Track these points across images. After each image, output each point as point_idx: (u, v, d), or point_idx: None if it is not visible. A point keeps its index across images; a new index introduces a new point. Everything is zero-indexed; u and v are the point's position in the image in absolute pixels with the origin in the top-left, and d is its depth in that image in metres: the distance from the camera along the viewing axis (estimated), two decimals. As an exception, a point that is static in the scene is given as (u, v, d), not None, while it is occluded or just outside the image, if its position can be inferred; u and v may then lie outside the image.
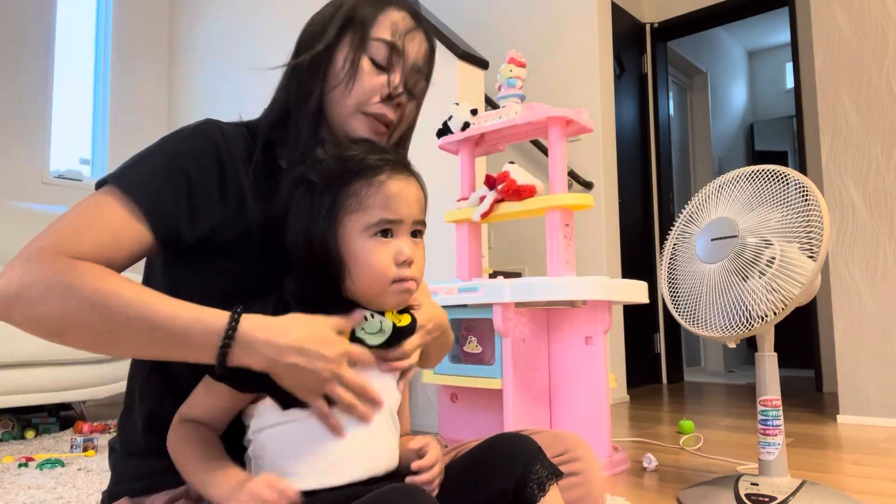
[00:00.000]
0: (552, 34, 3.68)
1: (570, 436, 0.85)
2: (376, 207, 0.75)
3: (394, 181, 0.76)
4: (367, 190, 0.75)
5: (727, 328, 1.55)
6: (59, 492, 1.71)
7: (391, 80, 0.87)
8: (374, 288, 0.75)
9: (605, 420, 1.93)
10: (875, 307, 2.67)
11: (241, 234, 0.80)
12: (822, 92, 2.87)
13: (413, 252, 0.76)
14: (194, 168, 0.78)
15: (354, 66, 0.86)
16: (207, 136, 0.81)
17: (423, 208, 0.80)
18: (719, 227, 1.59)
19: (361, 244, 0.75)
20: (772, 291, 1.48)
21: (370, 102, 0.86)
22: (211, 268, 0.80)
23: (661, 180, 4.42)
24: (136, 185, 0.74)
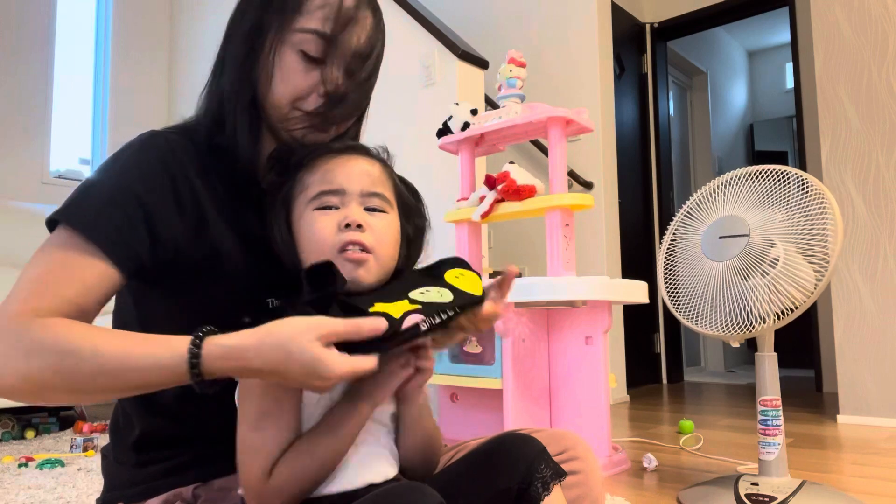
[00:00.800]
0: (552, 34, 3.68)
1: (569, 435, 0.85)
2: (314, 183, 0.75)
3: (334, 157, 0.76)
4: (307, 172, 0.76)
5: (730, 327, 1.55)
6: (59, 492, 1.71)
7: (327, 76, 0.80)
8: (320, 257, 0.71)
9: (605, 420, 1.93)
10: (875, 307, 2.67)
11: (207, 250, 0.77)
12: (822, 92, 2.87)
13: (362, 218, 0.73)
14: (145, 190, 0.73)
15: (283, 61, 0.80)
16: (152, 151, 0.76)
17: (374, 181, 0.76)
18: (728, 225, 1.58)
19: (307, 217, 0.74)
20: (776, 293, 1.48)
21: (306, 103, 0.81)
22: (181, 291, 0.76)
23: (661, 180, 4.42)
24: (89, 222, 0.69)
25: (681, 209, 1.74)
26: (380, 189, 0.76)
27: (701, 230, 1.64)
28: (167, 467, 0.78)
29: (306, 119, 0.81)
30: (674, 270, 1.70)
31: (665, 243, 1.73)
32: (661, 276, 1.71)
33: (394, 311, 0.66)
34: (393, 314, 0.65)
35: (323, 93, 0.80)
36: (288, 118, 0.81)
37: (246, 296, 0.76)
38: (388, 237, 0.75)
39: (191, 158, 0.79)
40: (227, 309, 0.71)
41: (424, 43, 2.95)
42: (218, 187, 0.80)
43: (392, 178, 0.80)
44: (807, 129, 3.91)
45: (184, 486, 0.77)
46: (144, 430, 0.80)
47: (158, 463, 0.78)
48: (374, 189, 0.76)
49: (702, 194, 1.71)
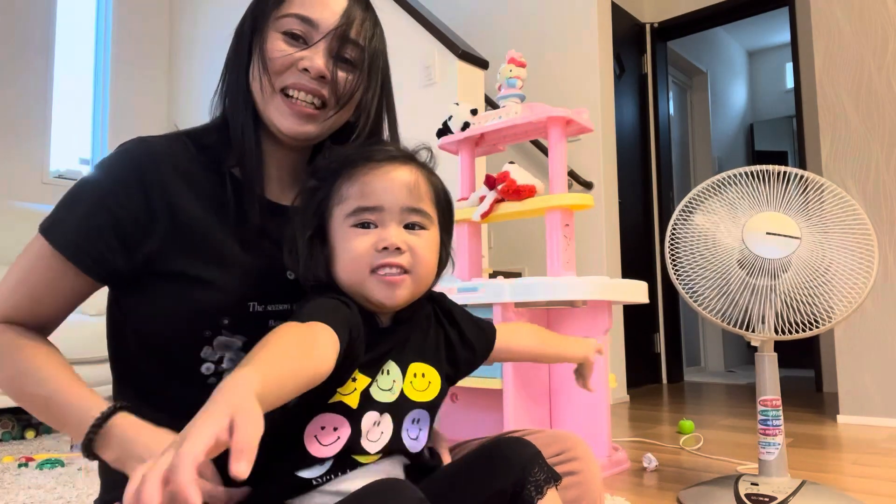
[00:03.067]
0: (552, 34, 3.68)
1: (569, 435, 0.85)
2: (353, 197, 0.73)
3: (374, 169, 0.74)
4: (346, 182, 0.74)
5: (735, 322, 1.54)
6: (59, 492, 1.71)
7: (307, 53, 0.80)
8: (355, 275, 0.72)
9: (605, 420, 1.93)
10: (875, 307, 2.67)
11: (184, 258, 0.78)
12: (822, 92, 2.87)
13: (401, 239, 0.72)
14: (116, 203, 0.76)
15: (263, 44, 0.81)
16: (129, 162, 0.79)
17: (417, 196, 0.74)
18: (777, 223, 1.53)
19: (342, 233, 0.73)
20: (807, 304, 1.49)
21: (286, 80, 0.80)
22: (161, 295, 0.78)
23: (661, 180, 4.42)
24: (61, 235, 0.76)
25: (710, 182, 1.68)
26: (421, 204, 0.75)
27: (737, 219, 1.59)
28: None
29: (287, 103, 0.80)
30: (680, 249, 1.64)
31: (672, 221, 1.68)
32: (668, 248, 1.66)
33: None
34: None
35: (301, 68, 0.80)
36: (269, 103, 0.81)
37: (229, 301, 0.77)
38: (427, 256, 0.74)
39: (183, 161, 0.80)
40: (208, 313, 0.76)
41: (424, 43, 2.95)
42: (206, 190, 0.80)
43: (434, 188, 0.79)
44: (807, 129, 3.91)
45: None
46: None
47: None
48: (415, 205, 0.74)
49: (732, 175, 1.65)
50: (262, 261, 0.81)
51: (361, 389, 0.72)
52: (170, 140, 0.83)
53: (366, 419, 0.71)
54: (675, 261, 1.65)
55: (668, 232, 1.67)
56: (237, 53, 0.85)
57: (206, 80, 4.21)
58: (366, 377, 0.72)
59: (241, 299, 0.78)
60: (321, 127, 0.83)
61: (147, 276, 0.78)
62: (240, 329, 0.78)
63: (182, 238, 0.78)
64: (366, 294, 0.73)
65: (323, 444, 0.70)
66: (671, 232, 1.67)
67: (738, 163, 5.92)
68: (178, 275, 0.77)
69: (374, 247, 0.71)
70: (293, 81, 0.80)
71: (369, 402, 0.72)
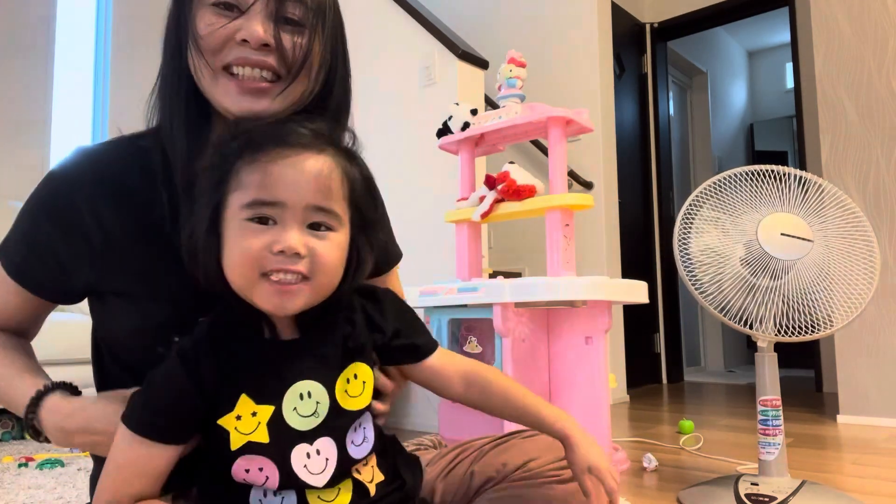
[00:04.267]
0: (552, 34, 3.68)
1: None
2: (252, 186, 0.62)
3: (280, 156, 0.63)
4: (248, 167, 0.63)
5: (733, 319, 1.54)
6: (59, 492, 1.71)
7: (245, 22, 0.70)
8: (242, 278, 0.63)
9: (605, 420, 1.93)
10: (875, 307, 2.67)
11: (123, 272, 0.76)
12: (822, 92, 2.87)
13: (301, 244, 0.62)
14: (50, 224, 0.76)
15: (194, 21, 0.72)
16: (63, 182, 0.77)
17: (327, 192, 0.64)
18: (791, 225, 1.53)
19: (235, 225, 0.63)
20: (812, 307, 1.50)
21: (226, 57, 0.71)
22: (116, 308, 0.78)
23: (661, 180, 4.41)
24: (8, 258, 0.79)
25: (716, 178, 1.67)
26: (330, 202, 0.64)
27: (751, 216, 1.58)
28: None
29: (233, 82, 0.72)
30: (689, 243, 1.64)
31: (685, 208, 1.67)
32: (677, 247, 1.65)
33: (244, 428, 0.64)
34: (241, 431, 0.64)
35: (239, 39, 0.71)
36: (212, 83, 0.73)
37: (174, 317, 0.72)
38: (330, 262, 0.64)
39: (105, 180, 0.76)
40: (156, 330, 0.71)
41: (424, 43, 2.95)
42: (141, 201, 0.76)
43: (350, 182, 0.68)
44: (807, 129, 3.91)
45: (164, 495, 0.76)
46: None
47: None
48: (324, 203, 0.64)
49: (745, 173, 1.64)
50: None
51: (266, 421, 0.64)
52: (102, 153, 0.80)
53: (295, 452, 0.64)
54: (685, 257, 1.63)
55: (678, 226, 1.65)
56: (167, 40, 0.78)
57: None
58: (267, 406, 0.64)
59: (187, 314, 0.70)
60: (278, 103, 0.73)
61: (96, 293, 0.79)
62: None
63: (115, 257, 0.76)
64: (253, 300, 0.64)
65: (257, 484, 0.65)
66: (681, 225, 1.65)
67: (738, 163, 5.92)
68: (122, 294, 0.77)
69: (269, 248, 0.61)
70: (234, 57, 0.71)
71: (287, 432, 0.64)
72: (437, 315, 2.08)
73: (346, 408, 0.68)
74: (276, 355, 0.67)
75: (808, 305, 1.50)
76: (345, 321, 0.72)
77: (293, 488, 0.65)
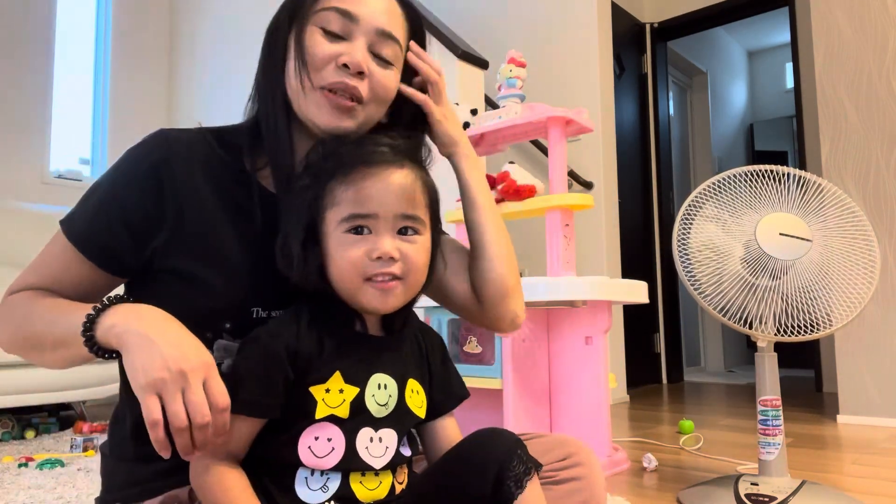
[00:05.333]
0: (552, 34, 3.68)
1: (573, 440, 0.84)
2: (346, 202, 0.71)
3: (368, 174, 0.72)
4: (340, 185, 0.72)
5: (734, 320, 1.54)
6: (59, 492, 1.71)
7: (347, 48, 0.79)
8: (347, 285, 0.72)
9: (605, 420, 1.93)
10: (875, 307, 2.67)
11: (192, 253, 0.77)
12: (822, 92, 2.87)
13: (394, 248, 0.71)
14: (126, 196, 0.77)
15: (302, 40, 0.79)
16: (146, 156, 0.78)
17: (412, 202, 0.73)
18: (789, 225, 1.53)
19: (336, 238, 0.72)
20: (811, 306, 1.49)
21: (325, 75, 0.78)
22: (172, 293, 0.77)
23: (661, 180, 4.42)
24: (73, 227, 0.78)
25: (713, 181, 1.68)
26: (416, 210, 0.74)
27: (751, 216, 1.58)
28: (165, 467, 0.77)
29: (327, 96, 0.78)
30: (689, 243, 1.64)
31: (684, 209, 1.67)
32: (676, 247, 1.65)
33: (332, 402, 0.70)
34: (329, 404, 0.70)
35: (341, 63, 0.78)
36: (307, 99, 0.79)
37: (232, 306, 0.77)
38: (420, 263, 0.74)
39: (199, 157, 0.80)
40: (210, 316, 0.76)
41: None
42: (223, 191, 0.80)
43: (429, 189, 0.77)
44: (807, 129, 3.91)
45: (181, 487, 0.77)
46: (140, 418, 0.79)
47: (157, 460, 0.78)
48: (410, 211, 0.73)
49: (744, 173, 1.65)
50: (268, 266, 0.79)
51: (351, 399, 0.71)
52: (192, 135, 0.82)
53: (361, 434, 0.71)
54: (684, 258, 1.64)
55: (677, 225, 1.66)
56: (271, 52, 0.83)
57: (207, 80, 4.21)
58: (353, 387, 0.71)
59: (244, 304, 0.78)
60: (356, 122, 0.81)
61: (154, 273, 0.78)
62: (241, 333, 0.76)
63: (189, 237, 0.77)
64: (359, 301, 0.72)
65: (317, 455, 0.69)
66: (680, 224, 1.65)
67: (738, 163, 5.92)
68: (183, 273, 0.77)
69: (368, 255, 0.71)
70: (332, 80, 0.78)
71: (363, 413, 0.71)
72: (438, 315, 2.08)
73: (411, 408, 0.76)
74: (365, 346, 0.75)
75: (809, 305, 1.50)
76: (414, 334, 0.81)
77: (345, 469, 0.70)
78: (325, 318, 0.74)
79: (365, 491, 0.71)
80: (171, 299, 0.75)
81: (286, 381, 0.69)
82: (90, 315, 0.68)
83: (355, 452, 0.70)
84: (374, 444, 0.72)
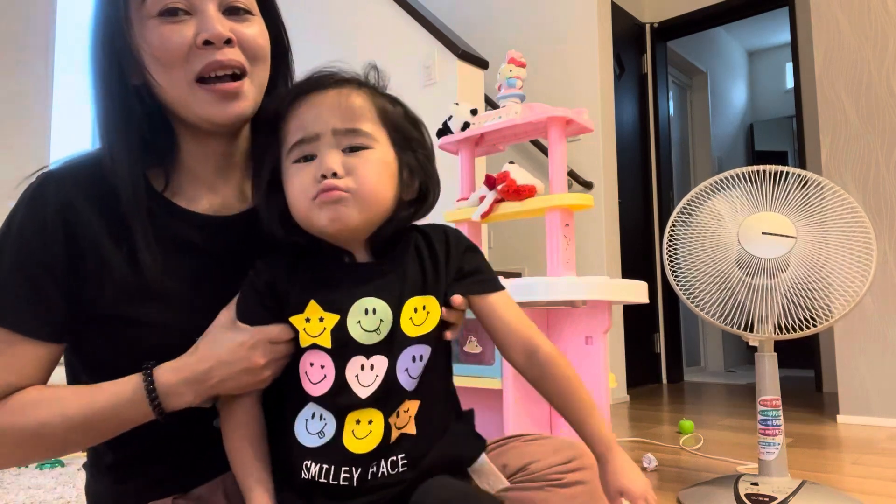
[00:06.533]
0: (552, 34, 3.68)
1: (579, 443, 0.82)
2: (290, 133, 0.72)
3: (302, 100, 0.72)
4: (284, 123, 0.72)
5: (737, 323, 1.55)
6: (59, 492, 1.71)
7: (201, 22, 0.69)
8: (302, 212, 0.71)
9: (605, 420, 1.92)
10: (875, 307, 2.67)
11: (119, 293, 0.71)
12: (822, 92, 2.87)
13: (338, 164, 0.69)
14: (45, 252, 0.69)
15: (142, 40, 0.69)
16: (44, 204, 0.72)
17: (350, 116, 0.70)
18: (772, 223, 1.53)
19: (287, 171, 0.72)
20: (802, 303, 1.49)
21: (192, 64, 0.70)
22: (118, 335, 0.73)
23: (661, 180, 4.42)
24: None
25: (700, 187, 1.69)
26: (357, 123, 0.71)
27: (735, 218, 1.59)
28: (145, 483, 0.77)
29: (208, 90, 0.71)
30: (679, 250, 1.66)
31: (672, 219, 1.69)
32: (665, 256, 1.68)
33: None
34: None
35: (202, 42, 0.70)
36: (188, 99, 0.71)
37: (174, 339, 0.72)
38: (371, 175, 0.70)
39: (89, 197, 0.72)
40: (153, 354, 0.72)
41: (424, 43, 2.95)
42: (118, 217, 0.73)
43: (377, 105, 0.74)
44: (807, 129, 3.91)
45: (163, 498, 0.76)
46: (117, 454, 0.78)
47: (136, 478, 0.77)
48: (350, 125, 0.71)
49: (729, 177, 1.66)
50: (206, 290, 0.75)
51: (331, 328, 0.70)
52: (71, 171, 0.74)
53: (352, 363, 0.70)
54: (674, 262, 1.65)
55: (666, 235, 1.68)
56: (101, 65, 0.72)
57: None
58: (333, 314, 0.70)
59: (188, 336, 0.72)
60: (250, 99, 0.75)
61: (87, 323, 0.72)
62: None
63: (111, 277, 0.71)
64: (316, 224, 0.71)
65: (312, 381, 0.70)
66: (669, 235, 1.67)
67: (738, 163, 5.92)
68: (116, 318, 0.72)
69: (315, 178, 0.69)
70: (203, 64, 0.70)
71: (348, 341, 0.70)
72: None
73: (406, 333, 0.72)
74: (348, 273, 0.74)
75: (807, 298, 1.50)
76: (415, 253, 0.77)
77: (336, 402, 0.70)
78: (309, 254, 0.75)
79: (353, 440, 0.69)
80: (109, 347, 0.73)
81: (274, 311, 0.72)
82: (151, 393, 0.68)
83: (345, 381, 0.69)
84: (365, 373, 0.70)
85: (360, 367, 0.70)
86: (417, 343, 0.72)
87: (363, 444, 0.69)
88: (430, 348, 0.74)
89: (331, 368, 0.70)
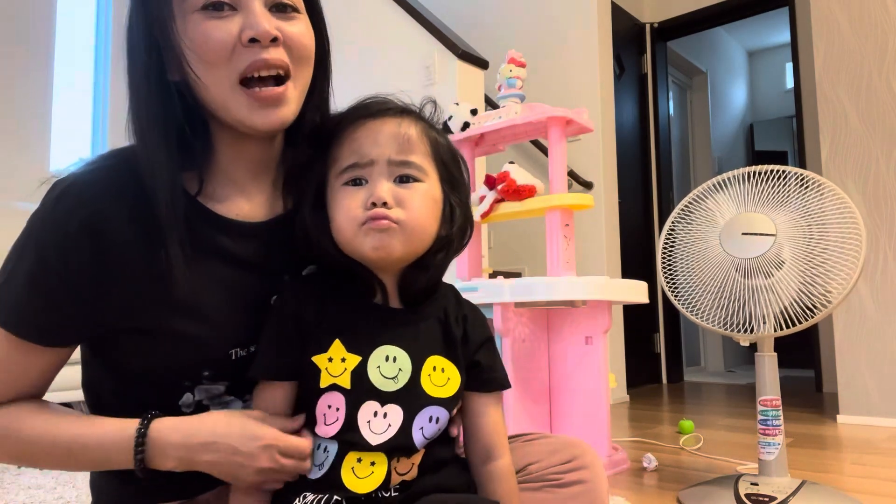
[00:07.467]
0: (552, 34, 3.68)
1: (578, 443, 0.83)
2: (342, 156, 0.72)
3: (361, 125, 0.72)
4: (336, 145, 0.73)
5: (731, 325, 1.55)
6: (59, 492, 1.71)
7: (246, 19, 0.66)
8: (347, 235, 0.70)
9: (605, 420, 1.93)
10: (875, 307, 2.67)
11: (151, 304, 0.68)
12: (822, 92, 2.87)
13: (389, 193, 0.69)
14: (63, 266, 0.65)
15: (184, 35, 0.66)
16: (69, 215, 0.66)
17: (406, 147, 0.71)
18: (753, 223, 1.54)
19: (335, 193, 0.72)
20: (792, 298, 1.49)
21: (239, 65, 0.66)
22: (139, 350, 0.71)
23: (661, 180, 4.41)
24: (11, 317, 0.67)
25: (690, 195, 1.71)
26: (412, 156, 0.72)
27: (717, 221, 1.61)
28: (151, 486, 0.75)
29: (249, 95, 0.68)
30: (675, 258, 1.68)
31: (665, 231, 1.71)
32: (660, 263, 1.70)
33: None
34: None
35: (247, 39, 0.66)
36: (228, 100, 0.68)
37: (209, 354, 0.71)
38: (421, 208, 0.71)
39: (120, 200, 0.68)
40: (187, 367, 0.71)
41: (424, 43, 2.95)
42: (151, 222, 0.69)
43: (431, 139, 0.75)
44: (807, 129, 3.91)
45: (170, 503, 0.76)
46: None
47: (142, 481, 0.77)
48: (405, 157, 0.71)
49: (715, 183, 1.67)
50: (239, 300, 0.73)
51: (352, 369, 0.69)
52: (106, 173, 0.70)
53: (365, 407, 0.69)
54: (670, 269, 1.67)
55: (661, 244, 1.70)
56: (138, 59, 0.69)
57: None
58: (354, 356, 0.70)
59: (221, 349, 0.71)
60: (293, 104, 0.72)
61: (117, 334, 0.70)
62: (222, 377, 0.73)
63: (148, 291, 0.68)
64: (359, 250, 0.70)
65: (326, 423, 0.69)
66: (664, 245, 1.70)
67: (738, 163, 5.92)
68: (150, 331, 0.69)
69: (364, 204, 0.69)
70: (247, 64, 0.67)
71: (365, 385, 0.69)
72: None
73: (425, 389, 0.71)
74: (376, 316, 0.73)
75: (806, 293, 1.49)
76: (442, 311, 0.77)
77: (343, 441, 0.69)
78: (339, 287, 0.74)
79: (353, 479, 0.68)
80: (141, 359, 0.71)
81: (299, 342, 0.71)
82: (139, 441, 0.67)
83: (355, 424, 0.68)
84: (378, 420, 0.69)
85: (373, 412, 0.69)
86: (437, 405, 0.72)
87: (362, 483, 0.68)
88: (447, 413, 0.73)
89: (343, 410, 0.69)
